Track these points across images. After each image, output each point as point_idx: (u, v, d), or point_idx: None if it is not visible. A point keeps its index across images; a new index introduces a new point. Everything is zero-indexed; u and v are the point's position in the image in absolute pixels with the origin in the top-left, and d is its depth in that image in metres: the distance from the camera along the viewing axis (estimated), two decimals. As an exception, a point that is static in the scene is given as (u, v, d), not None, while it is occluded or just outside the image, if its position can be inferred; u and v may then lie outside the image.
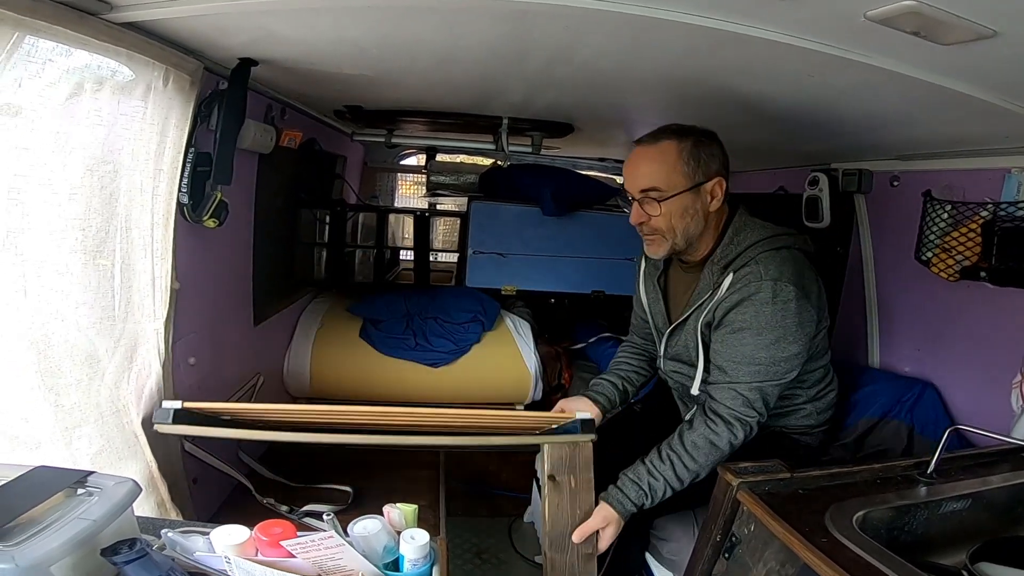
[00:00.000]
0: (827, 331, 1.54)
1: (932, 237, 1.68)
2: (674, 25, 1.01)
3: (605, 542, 1.43)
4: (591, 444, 1.43)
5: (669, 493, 1.42)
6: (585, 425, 1.44)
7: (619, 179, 3.59)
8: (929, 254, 1.70)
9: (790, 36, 1.01)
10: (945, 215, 1.65)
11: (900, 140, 1.70)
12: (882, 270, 2.01)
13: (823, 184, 2.06)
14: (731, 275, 1.41)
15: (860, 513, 1.04)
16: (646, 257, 1.68)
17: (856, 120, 1.55)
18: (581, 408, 1.59)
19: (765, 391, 1.39)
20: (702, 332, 1.47)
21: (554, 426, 1.48)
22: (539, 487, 2.13)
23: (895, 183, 1.92)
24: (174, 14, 1.06)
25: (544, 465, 1.43)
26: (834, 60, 1.06)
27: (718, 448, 1.39)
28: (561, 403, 1.65)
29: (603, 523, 1.42)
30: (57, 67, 0.96)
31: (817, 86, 1.28)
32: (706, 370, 1.49)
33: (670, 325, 1.58)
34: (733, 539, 1.17)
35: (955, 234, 1.61)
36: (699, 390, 1.49)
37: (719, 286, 1.43)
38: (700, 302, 1.48)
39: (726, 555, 1.20)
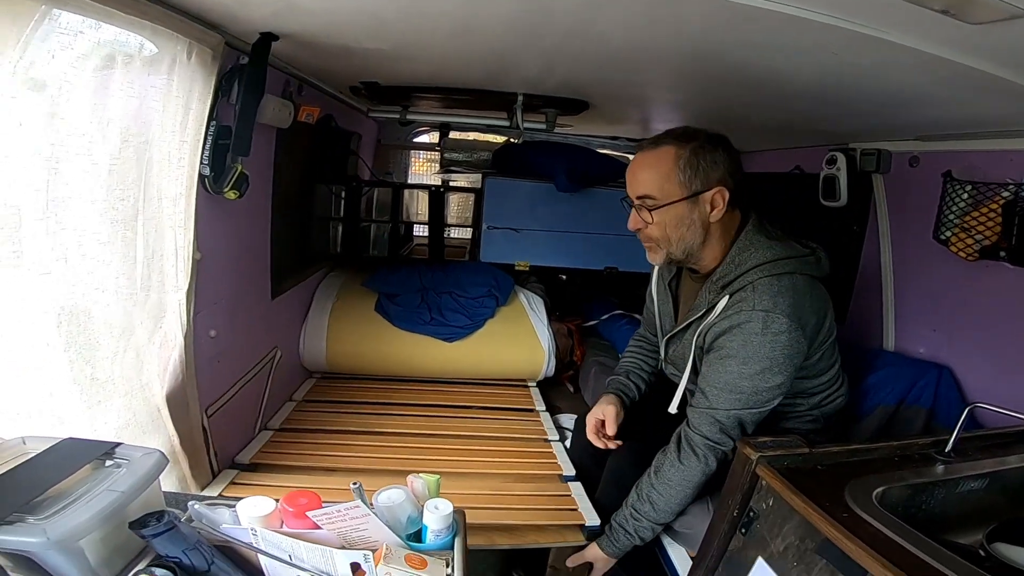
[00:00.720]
0: (831, 343, 1.50)
1: (951, 217, 1.67)
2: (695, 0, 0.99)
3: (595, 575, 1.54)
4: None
5: (658, 529, 1.47)
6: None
7: (632, 157, 3.56)
8: (948, 234, 1.69)
9: (815, 12, 0.99)
10: (965, 195, 1.64)
11: (921, 120, 1.69)
12: (899, 250, 2.00)
13: (841, 164, 2.04)
14: (727, 298, 1.38)
15: (879, 489, 1.04)
16: None
17: (877, 99, 1.53)
18: (606, 410, 1.64)
19: (743, 419, 1.38)
20: (696, 348, 1.46)
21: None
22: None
23: (914, 163, 1.90)
24: (197, -13, 1.07)
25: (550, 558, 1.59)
26: (858, 37, 1.04)
27: (693, 482, 1.41)
28: (594, 410, 1.68)
29: (593, 559, 1.52)
30: (88, 39, 0.97)
31: (839, 64, 1.26)
32: (688, 387, 1.50)
33: (674, 329, 1.57)
34: (751, 514, 1.18)
35: (975, 214, 1.61)
36: (675, 409, 1.50)
37: (714, 306, 1.40)
38: (694, 318, 1.46)
39: (743, 530, 1.20)
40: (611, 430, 1.63)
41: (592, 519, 1.62)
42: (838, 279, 2.02)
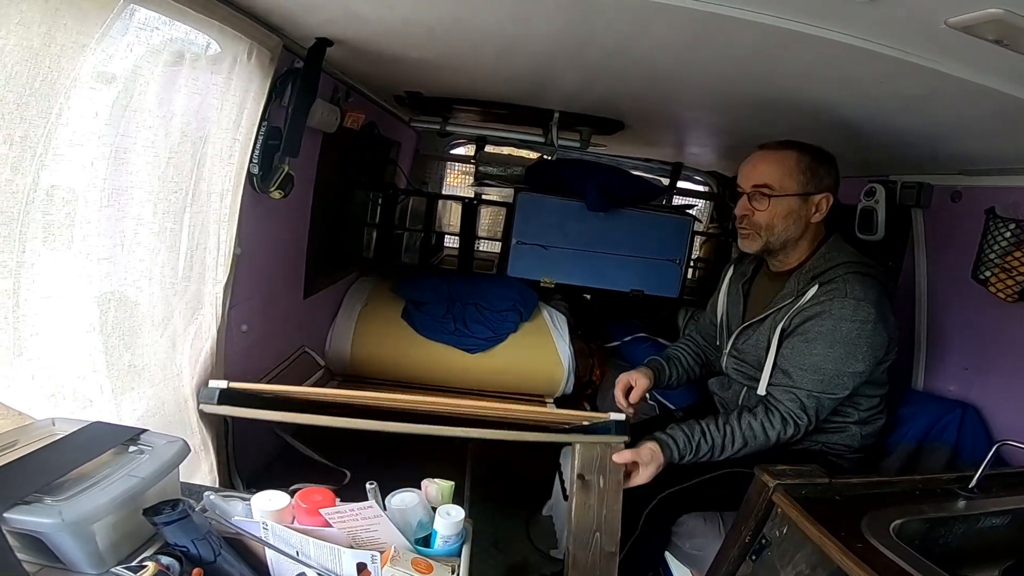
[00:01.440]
0: (892, 360, 1.55)
1: (992, 256, 1.64)
2: (742, 23, 1.01)
3: (642, 479, 1.46)
4: (623, 445, 1.45)
5: (705, 459, 1.48)
6: (619, 427, 1.46)
7: (665, 180, 3.57)
8: (987, 273, 1.66)
9: (864, 40, 1.00)
10: (1008, 234, 1.60)
11: (965, 153, 1.66)
12: (935, 287, 1.97)
13: (880, 196, 2.02)
14: (817, 286, 1.48)
15: (897, 522, 1.04)
16: (735, 264, 1.78)
17: (921, 131, 1.53)
18: (638, 379, 1.73)
19: (822, 402, 1.45)
20: (779, 333, 1.52)
21: (586, 423, 1.49)
22: (562, 483, 2.17)
23: (956, 199, 1.87)
24: (264, -13, 1.12)
25: (574, 463, 1.46)
26: (907, 66, 1.05)
27: (768, 438, 1.45)
28: (630, 373, 1.77)
29: (648, 458, 1.44)
30: (162, 35, 1.02)
31: (885, 93, 1.27)
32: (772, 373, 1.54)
33: (748, 322, 1.64)
34: (763, 541, 1.17)
35: (1017, 254, 1.57)
36: (764, 390, 1.53)
37: (803, 294, 1.50)
38: (781, 306, 1.54)
39: (753, 557, 1.20)
40: (635, 398, 1.75)
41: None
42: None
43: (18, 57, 0.82)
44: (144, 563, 0.83)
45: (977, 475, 1.16)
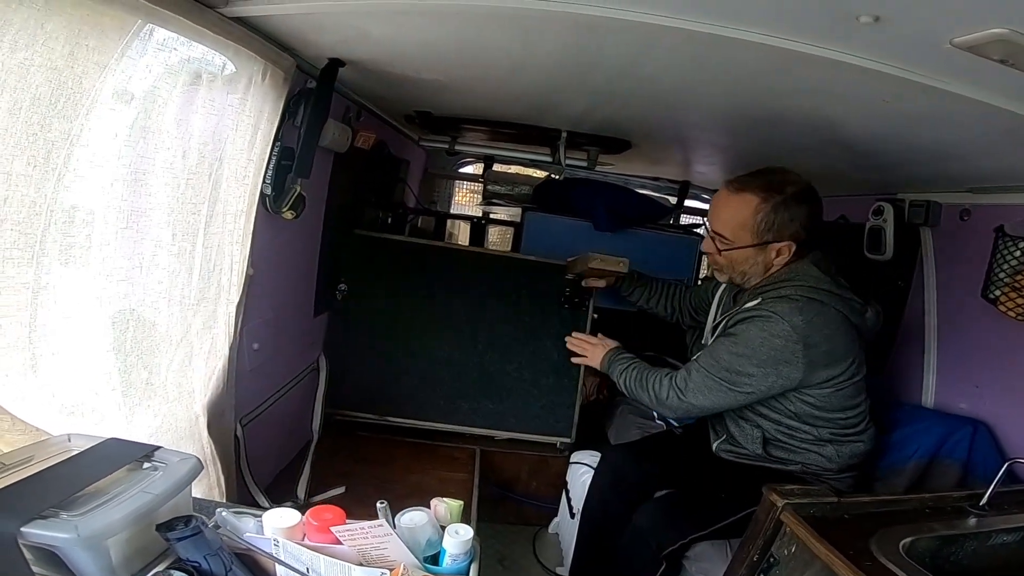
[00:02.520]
0: (851, 388, 1.56)
1: (1002, 275, 1.64)
2: (745, 44, 1.02)
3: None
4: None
5: (620, 380, 1.80)
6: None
7: (672, 199, 3.58)
8: (997, 292, 1.65)
9: (869, 60, 1.01)
10: (1018, 252, 1.60)
11: (974, 171, 1.67)
12: (944, 306, 1.96)
13: (888, 214, 2.02)
14: (759, 299, 1.54)
15: (907, 540, 1.03)
16: None
17: (928, 149, 1.53)
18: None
19: (708, 384, 1.55)
20: (717, 332, 1.65)
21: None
22: (568, 500, 2.16)
23: (965, 217, 1.87)
24: (279, 11, 1.14)
25: None
26: (913, 86, 1.05)
27: (652, 390, 1.66)
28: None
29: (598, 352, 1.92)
30: (179, 56, 1.04)
31: (891, 112, 1.27)
32: None
33: (715, 322, 1.77)
34: (771, 559, 1.17)
35: (1027, 272, 1.57)
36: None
37: (745, 304, 1.58)
38: (730, 311, 1.64)
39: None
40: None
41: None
42: (878, 333, 1.99)
43: (42, 78, 0.84)
44: None
45: (988, 492, 1.15)
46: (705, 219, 1.76)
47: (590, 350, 1.98)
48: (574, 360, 2.06)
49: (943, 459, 1.72)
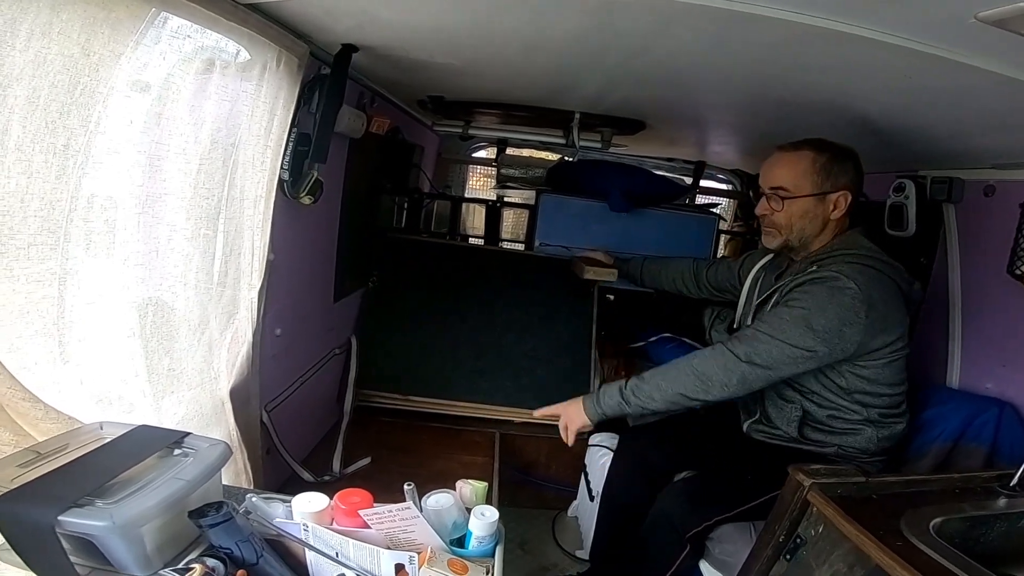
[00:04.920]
0: (902, 361, 1.57)
1: (1027, 251, 1.60)
2: (765, 20, 0.99)
3: (571, 432, 1.71)
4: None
5: (644, 403, 1.59)
6: None
7: (688, 179, 3.55)
8: (1023, 268, 1.62)
9: (891, 35, 0.98)
10: (1044, 228, 1.56)
11: (998, 147, 1.62)
12: (969, 283, 1.92)
13: (909, 191, 1.98)
14: (815, 266, 1.56)
15: (937, 520, 1.02)
16: (772, 256, 1.86)
17: (951, 125, 1.49)
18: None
19: (767, 349, 1.48)
20: (772, 303, 1.63)
21: None
22: (588, 483, 2.17)
23: (989, 193, 1.83)
24: (292, -5, 1.14)
25: None
26: (936, 61, 1.02)
27: (697, 365, 1.54)
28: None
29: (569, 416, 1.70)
30: (193, 43, 1.05)
31: (913, 88, 1.24)
32: None
33: (764, 295, 1.74)
34: (798, 540, 1.16)
35: (1053, 249, 1.53)
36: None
37: (801, 272, 1.58)
38: (784, 282, 1.63)
39: (787, 556, 1.19)
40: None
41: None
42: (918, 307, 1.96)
43: (59, 66, 0.84)
44: (191, 565, 0.84)
45: (1019, 473, 1.13)
46: (721, 199, 1.76)
47: (560, 414, 1.72)
48: (563, 434, 1.74)
49: (968, 442, 1.70)
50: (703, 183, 3.58)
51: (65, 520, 0.76)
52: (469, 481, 1.08)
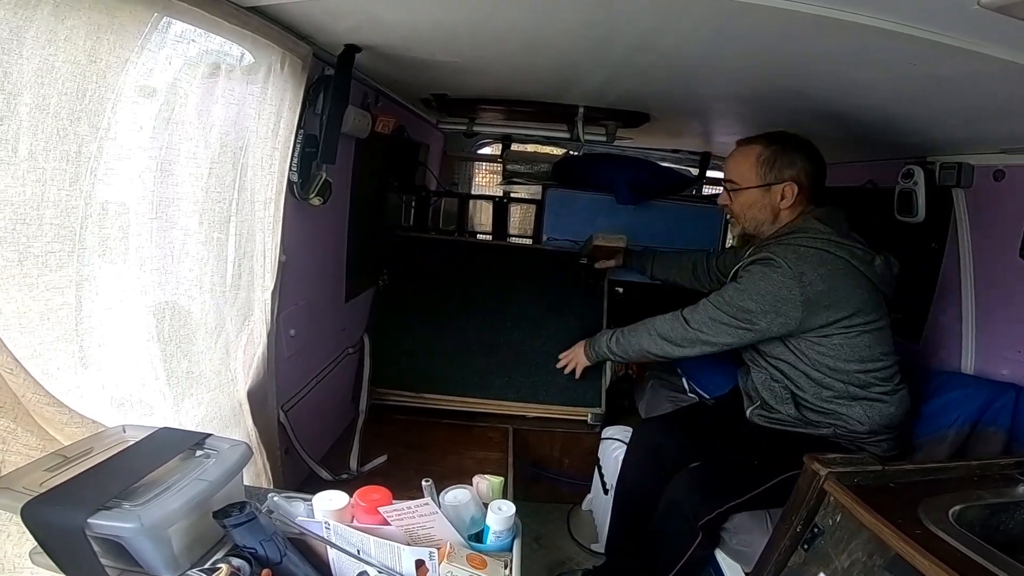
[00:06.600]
0: (867, 337, 1.61)
1: (1039, 234, 1.59)
2: (769, 10, 0.99)
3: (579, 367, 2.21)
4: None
5: (620, 349, 1.98)
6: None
7: (694, 170, 3.53)
8: (1035, 251, 1.61)
9: (895, 23, 0.97)
10: (1056, 210, 1.55)
11: (1006, 132, 1.61)
12: (981, 268, 1.91)
13: (918, 177, 1.96)
14: (761, 251, 1.67)
15: (956, 508, 1.01)
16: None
17: (958, 111, 1.48)
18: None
19: (711, 316, 1.69)
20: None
21: None
22: (601, 477, 2.18)
23: (999, 177, 1.81)
24: (293, -2, 1.14)
25: None
26: (941, 48, 1.01)
27: (656, 328, 1.83)
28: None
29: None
30: (198, 47, 1.05)
31: (918, 75, 1.23)
32: None
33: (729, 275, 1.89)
34: (815, 529, 1.16)
35: (1066, 231, 1.52)
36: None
37: (751, 255, 1.70)
38: (738, 265, 1.76)
39: (805, 546, 1.18)
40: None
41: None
42: (913, 297, 1.95)
43: (67, 73, 0.85)
44: (217, 565, 0.84)
45: (1038, 459, 1.12)
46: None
47: (572, 353, 2.22)
48: (567, 371, 2.27)
49: (986, 427, 1.69)
50: (709, 173, 3.57)
51: (94, 522, 0.76)
52: (486, 476, 1.08)
